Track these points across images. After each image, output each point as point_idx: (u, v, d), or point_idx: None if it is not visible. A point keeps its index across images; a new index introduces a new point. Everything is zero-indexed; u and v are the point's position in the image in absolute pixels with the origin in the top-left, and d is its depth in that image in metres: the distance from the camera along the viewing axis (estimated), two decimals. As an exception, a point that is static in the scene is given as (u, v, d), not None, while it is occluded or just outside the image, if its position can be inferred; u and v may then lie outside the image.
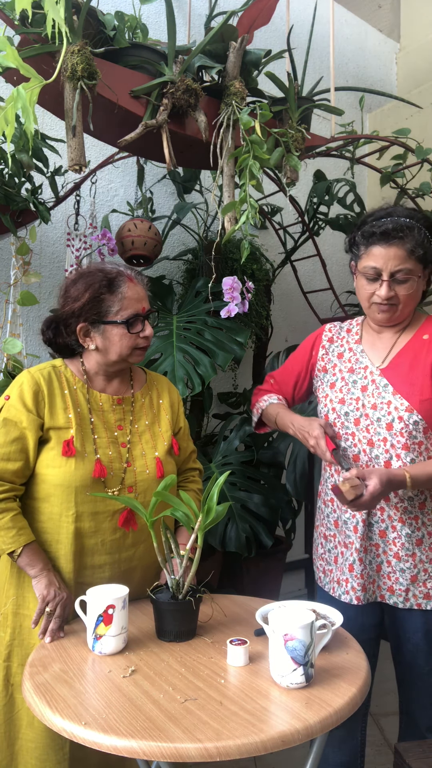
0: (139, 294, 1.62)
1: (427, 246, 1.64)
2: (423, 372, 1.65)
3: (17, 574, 1.58)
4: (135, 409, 1.70)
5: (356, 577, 1.68)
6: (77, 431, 1.58)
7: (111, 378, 1.68)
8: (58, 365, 1.66)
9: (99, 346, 1.62)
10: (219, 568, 2.84)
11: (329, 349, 1.84)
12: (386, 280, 1.62)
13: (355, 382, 1.73)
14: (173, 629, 1.42)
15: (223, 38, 2.12)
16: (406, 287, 1.63)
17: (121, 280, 1.61)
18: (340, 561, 1.73)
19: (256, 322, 3.08)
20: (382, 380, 1.69)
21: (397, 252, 1.61)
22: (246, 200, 1.93)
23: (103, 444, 1.61)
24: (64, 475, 1.54)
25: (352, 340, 1.82)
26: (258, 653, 1.35)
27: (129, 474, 1.62)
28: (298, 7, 3.58)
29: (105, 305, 1.59)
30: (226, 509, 1.44)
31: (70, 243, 2.71)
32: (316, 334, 1.90)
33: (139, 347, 1.63)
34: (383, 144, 2.91)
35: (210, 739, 1.05)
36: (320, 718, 1.12)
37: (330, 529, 1.78)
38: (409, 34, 4.36)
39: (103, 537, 1.58)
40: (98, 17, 1.99)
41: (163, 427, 1.73)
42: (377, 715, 2.66)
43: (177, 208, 3.06)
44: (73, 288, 1.63)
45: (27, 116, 1.60)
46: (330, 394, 1.76)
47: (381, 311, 1.67)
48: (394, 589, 1.66)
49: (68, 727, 1.11)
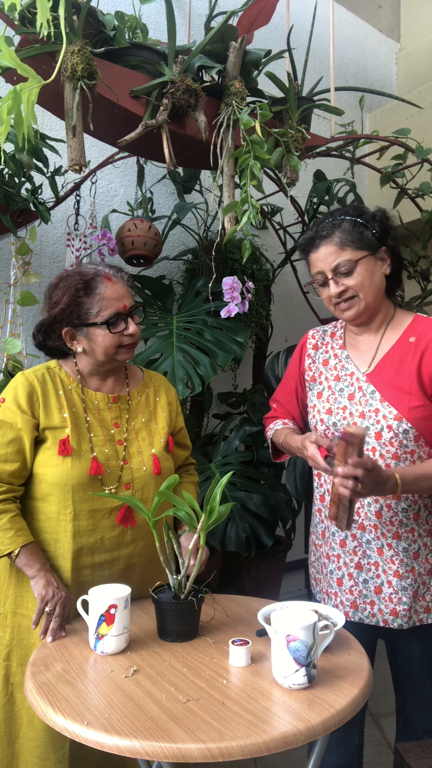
0: (118, 292, 1.62)
1: (360, 232, 1.62)
2: (410, 377, 1.60)
3: (16, 574, 1.58)
4: (131, 406, 1.70)
5: (345, 592, 1.64)
6: (73, 430, 1.58)
7: (105, 377, 1.69)
8: (53, 366, 1.67)
9: (85, 348, 1.63)
10: (219, 568, 2.84)
11: (315, 357, 1.81)
12: (331, 278, 1.62)
13: (341, 390, 1.69)
14: (175, 629, 1.42)
15: (223, 38, 2.12)
16: (353, 277, 1.61)
17: (97, 280, 1.61)
18: (326, 572, 1.70)
19: (256, 322, 3.08)
20: (369, 387, 1.64)
21: (327, 250, 1.62)
22: (247, 200, 1.93)
23: (99, 442, 1.61)
24: (61, 473, 1.55)
25: (336, 346, 1.78)
26: (260, 654, 1.35)
27: (126, 471, 1.62)
28: (298, 7, 3.58)
29: (84, 308, 1.59)
30: (229, 509, 1.44)
31: (70, 243, 2.71)
32: (301, 343, 1.87)
33: (124, 345, 1.63)
34: (383, 144, 2.91)
35: (212, 740, 1.05)
36: (322, 719, 1.12)
37: (318, 538, 1.76)
38: (409, 34, 4.36)
39: (101, 535, 1.58)
40: (98, 17, 1.99)
41: (159, 424, 1.73)
42: (377, 715, 2.66)
43: (177, 208, 3.06)
44: (54, 293, 1.64)
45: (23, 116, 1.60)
46: (317, 404, 1.72)
47: (342, 309, 1.65)
48: (398, 611, 1.59)
49: (70, 727, 1.11)
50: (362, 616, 1.63)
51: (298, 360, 1.85)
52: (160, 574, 1.67)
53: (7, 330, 2.48)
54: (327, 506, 1.70)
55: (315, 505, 1.79)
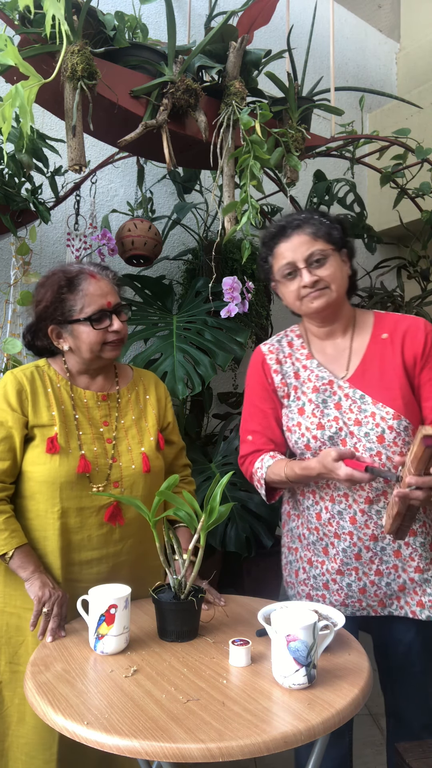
0: (102, 289, 1.62)
1: (330, 228, 1.61)
2: (396, 373, 1.59)
3: (4, 572, 1.59)
4: (121, 404, 1.71)
5: (370, 597, 1.63)
6: (61, 428, 1.59)
7: (94, 375, 1.69)
8: (41, 365, 1.68)
9: (71, 346, 1.64)
10: (219, 568, 2.84)
11: (282, 371, 1.70)
12: (303, 267, 1.59)
13: (324, 401, 1.62)
14: (175, 629, 1.42)
15: (223, 38, 2.12)
16: (327, 267, 1.59)
17: (81, 277, 1.62)
18: (337, 587, 1.64)
19: (256, 322, 3.08)
20: (356, 392, 1.60)
21: (300, 239, 1.59)
22: (247, 200, 1.93)
23: (88, 440, 1.62)
24: (49, 471, 1.55)
25: (302, 356, 1.70)
26: (260, 654, 1.35)
27: (115, 469, 1.63)
28: (298, 7, 3.58)
29: (68, 305, 1.60)
30: (229, 509, 1.44)
31: (70, 243, 2.71)
32: (259, 362, 1.74)
33: (109, 342, 1.63)
34: (383, 144, 2.91)
35: (212, 740, 1.05)
36: (323, 719, 1.12)
37: (320, 555, 1.66)
38: (409, 34, 4.36)
39: (89, 532, 1.59)
40: (98, 17, 1.99)
41: (149, 422, 1.73)
42: (377, 715, 2.66)
43: (177, 208, 3.06)
44: (38, 291, 1.65)
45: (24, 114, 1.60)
46: (303, 421, 1.63)
47: (314, 297, 1.59)
48: (424, 602, 1.59)
49: (71, 727, 1.11)
50: (391, 610, 1.63)
51: (263, 379, 1.72)
52: (149, 574, 1.67)
53: (7, 330, 2.48)
54: (365, 534, 1.59)
55: (303, 523, 1.71)
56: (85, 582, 1.58)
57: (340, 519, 1.61)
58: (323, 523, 1.64)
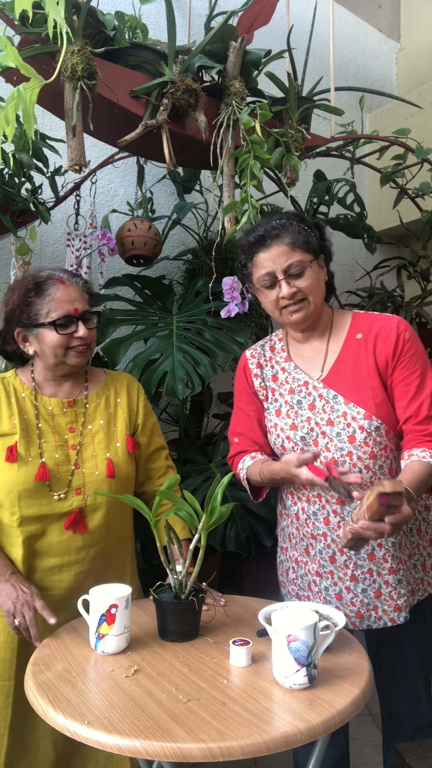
0: (70, 295, 1.63)
1: (308, 235, 1.61)
2: (369, 374, 1.59)
3: None
4: (88, 410, 1.70)
5: (347, 605, 1.62)
6: (21, 437, 1.60)
7: (61, 382, 1.70)
8: (8, 376, 1.70)
9: (36, 350, 1.65)
10: (219, 568, 2.84)
11: (262, 374, 1.75)
12: (282, 279, 1.59)
13: (299, 402, 1.65)
14: (176, 629, 1.42)
15: (223, 38, 2.12)
16: (305, 278, 1.59)
17: (49, 283, 1.63)
18: (317, 589, 1.65)
19: (256, 322, 3.08)
20: (329, 392, 1.62)
21: (279, 249, 1.59)
22: (247, 200, 1.93)
23: (50, 448, 1.62)
24: (8, 480, 1.56)
25: (281, 359, 1.74)
26: (261, 654, 1.35)
27: (77, 476, 1.63)
28: (298, 7, 3.58)
29: (34, 309, 1.61)
30: (230, 510, 1.44)
31: (70, 243, 2.71)
32: (242, 366, 1.80)
33: (73, 347, 1.63)
34: (383, 144, 2.91)
35: (213, 740, 1.05)
36: (323, 719, 1.12)
37: (303, 555, 1.70)
38: (409, 34, 4.36)
39: (50, 539, 1.60)
40: (98, 17, 1.99)
41: (119, 426, 1.72)
42: (377, 715, 2.66)
43: (177, 208, 3.06)
44: (8, 294, 1.67)
45: (27, 116, 1.61)
46: (279, 422, 1.67)
47: (292, 311, 1.61)
48: (400, 605, 1.59)
49: (71, 726, 1.11)
50: (369, 623, 1.62)
51: (245, 383, 1.78)
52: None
53: (7, 330, 2.48)
54: (339, 536, 1.60)
55: (291, 522, 1.72)
56: (49, 590, 1.59)
57: (315, 520, 1.63)
58: (302, 524, 1.67)
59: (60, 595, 1.60)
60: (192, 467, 2.66)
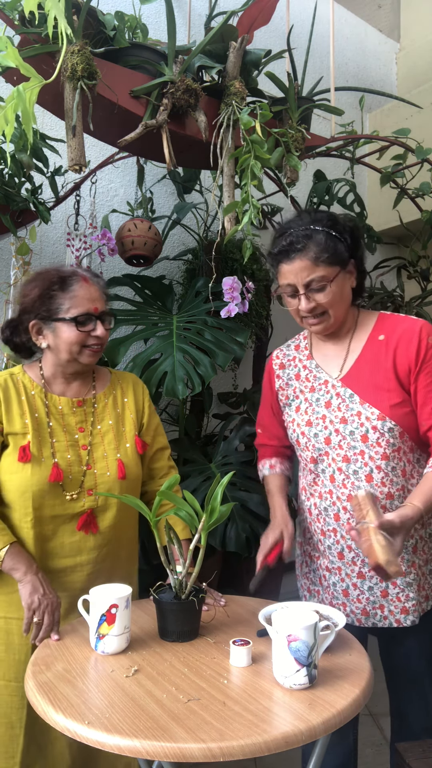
0: (92, 294, 1.63)
1: (334, 246, 1.58)
2: (386, 375, 1.59)
3: (2, 577, 1.58)
4: (97, 410, 1.70)
5: (353, 602, 1.63)
6: (34, 436, 1.58)
7: (70, 380, 1.69)
8: (16, 372, 1.68)
9: (51, 344, 1.63)
10: (219, 568, 2.84)
11: (284, 375, 1.79)
12: (302, 293, 1.59)
13: (318, 399, 1.67)
14: (176, 629, 1.42)
15: (223, 38, 2.12)
16: (325, 294, 1.59)
17: (74, 279, 1.62)
18: (327, 584, 1.67)
19: (256, 322, 3.08)
20: (347, 391, 1.63)
21: (301, 264, 1.58)
22: (247, 200, 1.93)
23: (62, 448, 1.61)
24: (21, 480, 1.55)
25: (303, 357, 1.77)
26: (261, 654, 1.35)
27: (89, 477, 1.62)
28: (298, 7, 3.58)
29: (56, 302, 1.60)
30: (230, 509, 1.44)
31: (70, 243, 2.70)
32: (268, 367, 1.86)
33: (88, 346, 1.63)
34: (383, 144, 2.91)
35: (213, 740, 1.05)
36: (323, 719, 1.12)
37: (315, 550, 1.73)
38: (409, 34, 4.36)
39: (62, 540, 1.59)
40: (98, 17, 1.99)
41: (127, 426, 1.72)
42: (377, 715, 2.66)
43: (177, 208, 3.05)
44: (27, 285, 1.65)
45: (27, 116, 1.60)
46: (296, 418, 1.71)
47: (311, 324, 1.64)
48: (408, 608, 1.59)
49: (71, 726, 1.11)
50: (375, 621, 1.62)
51: (269, 384, 1.84)
52: (127, 583, 1.66)
53: (7, 330, 2.48)
54: (348, 533, 1.59)
55: (305, 517, 1.76)
56: (62, 590, 1.58)
57: (326, 516, 1.65)
58: (314, 519, 1.70)
59: (73, 596, 1.58)
60: (192, 467, 2.65)
